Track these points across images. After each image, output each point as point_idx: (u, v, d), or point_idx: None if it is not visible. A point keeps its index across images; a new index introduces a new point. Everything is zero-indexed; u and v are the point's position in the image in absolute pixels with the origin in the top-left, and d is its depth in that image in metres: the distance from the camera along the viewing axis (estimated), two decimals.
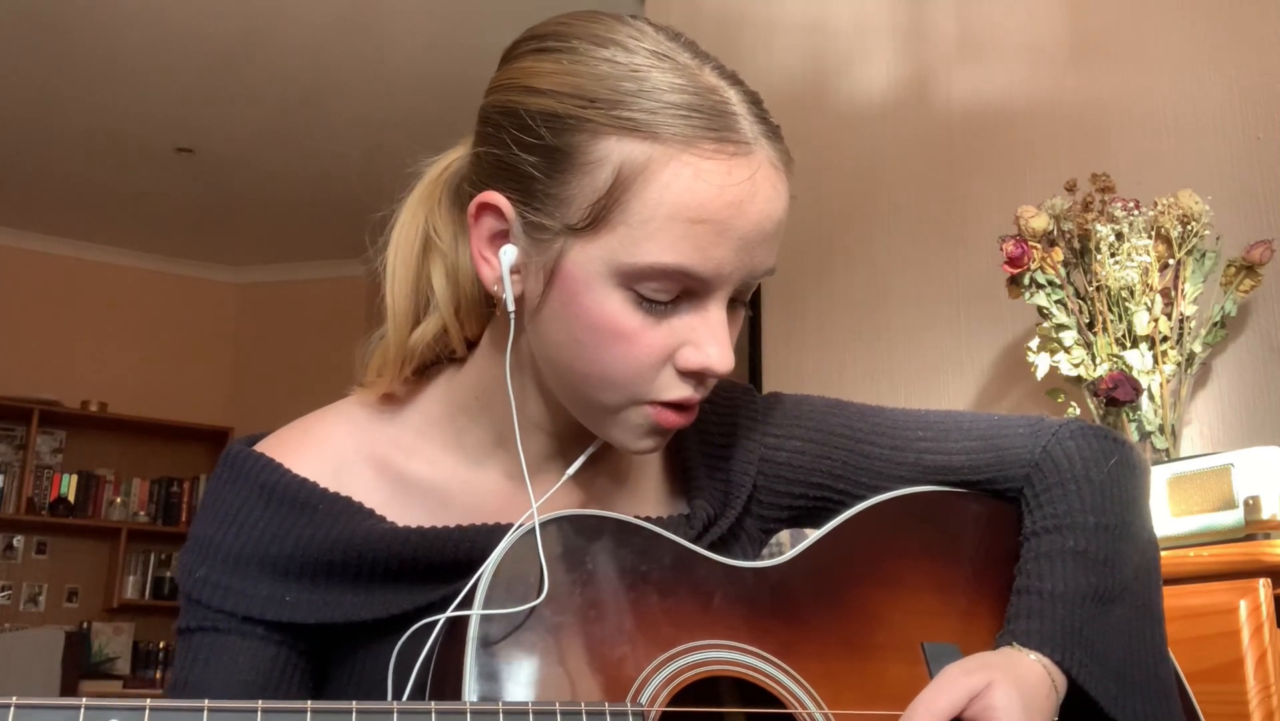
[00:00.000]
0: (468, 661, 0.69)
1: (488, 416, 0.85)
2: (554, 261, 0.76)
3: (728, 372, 0.78)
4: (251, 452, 0.84)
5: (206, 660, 0.80)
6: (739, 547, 0.91)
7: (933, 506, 0.94)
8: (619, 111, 0.73)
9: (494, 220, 0.78)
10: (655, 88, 0.74)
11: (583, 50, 0.76)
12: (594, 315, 0.75)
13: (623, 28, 0.78)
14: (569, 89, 0.75)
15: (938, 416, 0.97)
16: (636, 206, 0.73)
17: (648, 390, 0.78)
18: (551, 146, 0.75)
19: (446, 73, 4.23)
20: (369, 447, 0.86)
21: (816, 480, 0.94)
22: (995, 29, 2.31)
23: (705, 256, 0.74)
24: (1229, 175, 1.83)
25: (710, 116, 0.74)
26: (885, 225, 2.48)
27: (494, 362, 0.84)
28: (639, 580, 0.77)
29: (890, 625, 0.86)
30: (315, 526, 0.80)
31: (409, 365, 0.86)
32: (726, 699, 0.82)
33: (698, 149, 0.73)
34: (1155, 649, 0.88)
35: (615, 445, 0.83)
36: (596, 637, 0.73)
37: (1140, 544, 0.91)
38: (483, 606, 0.71)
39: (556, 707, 0.68)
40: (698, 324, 0.77)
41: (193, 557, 0.82)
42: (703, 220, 0.73)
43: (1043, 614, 0.84)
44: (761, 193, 0.75)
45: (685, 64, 0.76)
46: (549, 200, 0.75)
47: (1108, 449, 0.93)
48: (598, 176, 0.73)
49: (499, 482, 0.86)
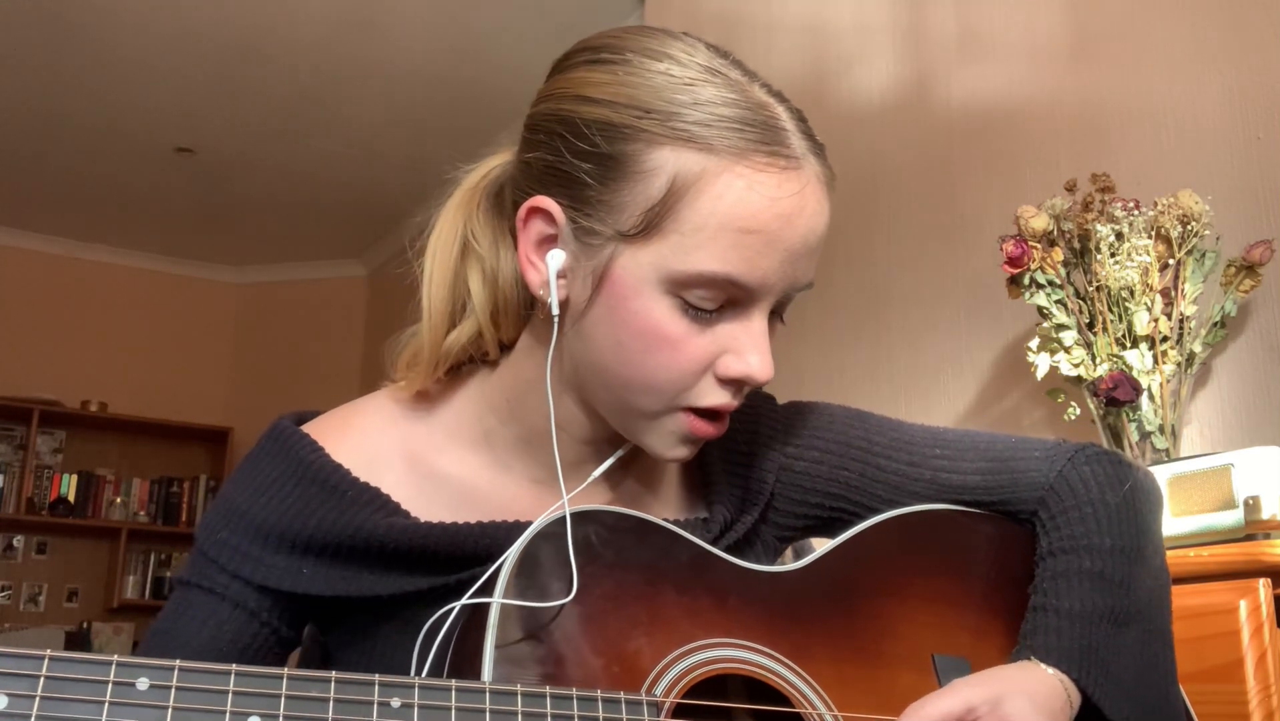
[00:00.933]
0: (487, 647, 0.70)
1: (518, 419, 0.87)
2: (603, 266, 0.78)
3: (767, 381, 0.80)
4: (297, 430, 0.87)
5: (192, 616, 0.82)
6: (754, 554, 0.92)
7: (946, 525, 0.95)
8: (674, 122, 0.75)
9: (543, 225, 0.80)
10: (709, 101, 0.76)
11: (637, 63, 0.78)
12: (641, 320, 0.77)
13: (675, 43, 0.80)
14: (624, 99, 0.77)
15: (955, 435, 0.98)
16: (689, 215, 0.75)
17: (687, 396, 0.80)
18: (606, 154, 0.77)
19: (447, 73, 4.23)
20: (402, 443, 0.88)
21: (834, 491, 0.95)
22: (995, 29, 2.32)
23: (753, 266, 0.76)
24: (1229, 175, 1.83)
25: (762, 130, 0.76)
26: (885, 225, 2.48)
27: (530, 366, 0.85)
28: (658, 576, 0.79)
29: (902, 635, 0.87)
30: (340, 511, 0.82)
31: (443, 366, 0.88)
32: (739, 697, 0.83)
33: (750, 161, 0.75)
34: (1167, 673, 0.89)
35: (648, 451, 0.84)
36: (615, 629, 0.75)
37: (1154, 569, 0.91)
38: (504, 594, 0.72)
39: (574, 693, 0.69)
40: (740, 333, 0.79)
41: (219, 518, 0.84)
42: (753, 231, 0.75)
43: (1060, 631, 0.85)
44: (809, 207, 0.78)
45: (736, 80, 0.79)
46: (601, 206, 0.77)
47: (1123, 474, 0.94)
48: (652, 185, 0.75)
49: (524, 486, 0.88)
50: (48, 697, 0.58)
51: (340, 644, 0.86)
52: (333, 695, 0.64)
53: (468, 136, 4.32)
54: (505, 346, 0.88)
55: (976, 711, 0.77)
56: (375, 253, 5.93)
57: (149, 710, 0.60)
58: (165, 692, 0.61)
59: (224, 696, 0.62)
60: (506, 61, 4.05)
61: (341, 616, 0.85)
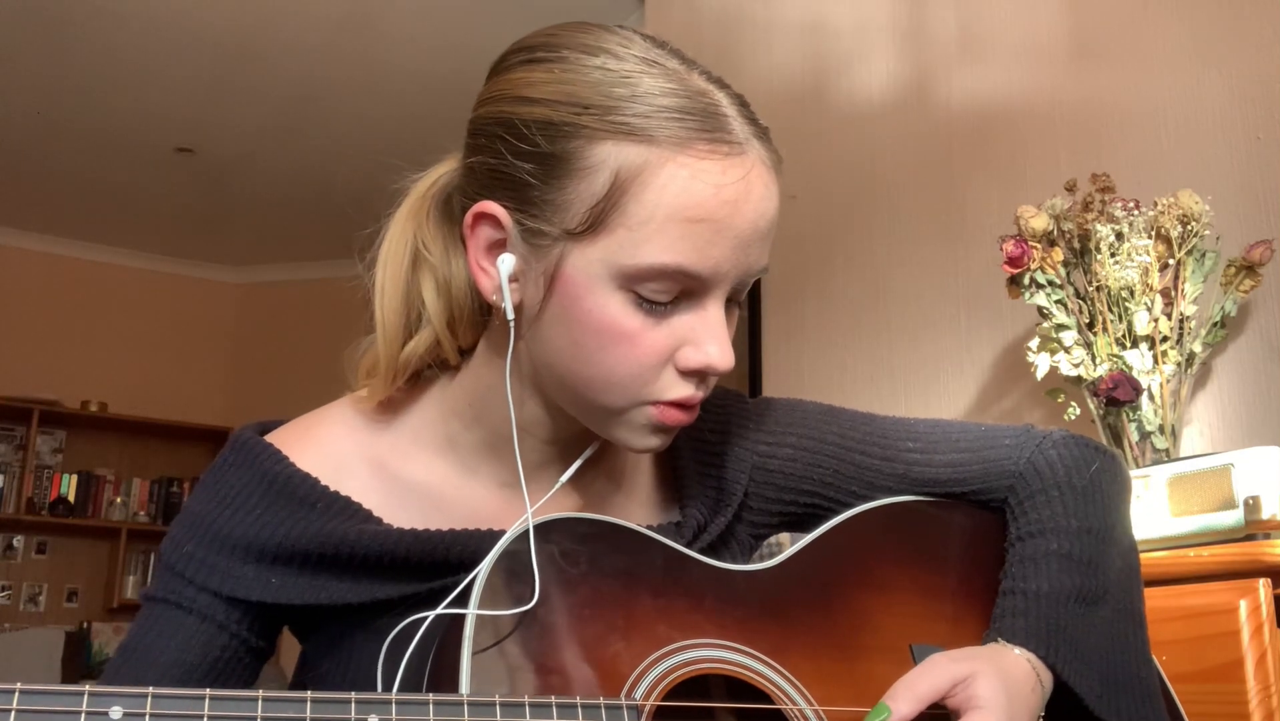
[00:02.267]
0: (464, 659, 0.69)
1: (481, 423, 0.86)
2: (553, 267, 0.77)
3: (728, 370, 0.79)
4: (260, 440, 0.86)
5: (160, 632, 0.81)
6: (729, 553, 0.92)
7: (919, 516, 0.95)
8: (613, 116, 0.75)
9: (491, 230, 0.79)
10: (648, 92, 0.75)
11: (573, 59, 0.77)
12: (595, 317, 0.76)
13: (610, 36, 0.79)
14: (563, 96, 0.76)
15: (927, 427, 0.98)
16: (634, 209, 0.74)
17: (650, 390, 0.79)
18: (547, 153, 0.76)
19: (446, 73, 4.23)
20: (367, 450, 0.87)
21: (807, 487, 0.95)
22: (995, 29, 2.31)
23: (703, 255, 0.75)
24: (1229, 175, 1.83)
25: (703, 118, 0.75)
26: (885, 225, 2.48)
27: (490, 370, 0.85)
28: (632, 581, 0.78)
29: (879, 628, 0.87)
30: (310, 521, 0.82)
31: (401, 376, 0.87)
32: (719, 697, 0.83)
33: (692, 150, 0.74)
34: (1138, 650, 0.89)
35: (620, 445, 0.83)
36: (591, 635, 0.74)
37: (1122, 548, 0.92)
38: (479, 605, 0.71)
39: (553, 701, 0.68)
40: (697, 323, 0.78)
41: (184, 531, 0.83)
42: (700, 220, 0.74)
43: (1027, 612, 0.85)
44: (755, 191, 0.77)
45: (674, 69, 0.78)
46: (546, 206, 0.76)
47: (1089, 456, 0.95)
48: (595, 181, 0.74)
49: (492, 490, 0.87)
50: None
51: (317, 653, 0.85)
52: (309, 715, 0.63)
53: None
54: (465, 351, 0.88)
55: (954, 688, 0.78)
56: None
57: None
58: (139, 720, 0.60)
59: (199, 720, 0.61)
60: None
61: (316, 625, 0.84)
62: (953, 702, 0.78)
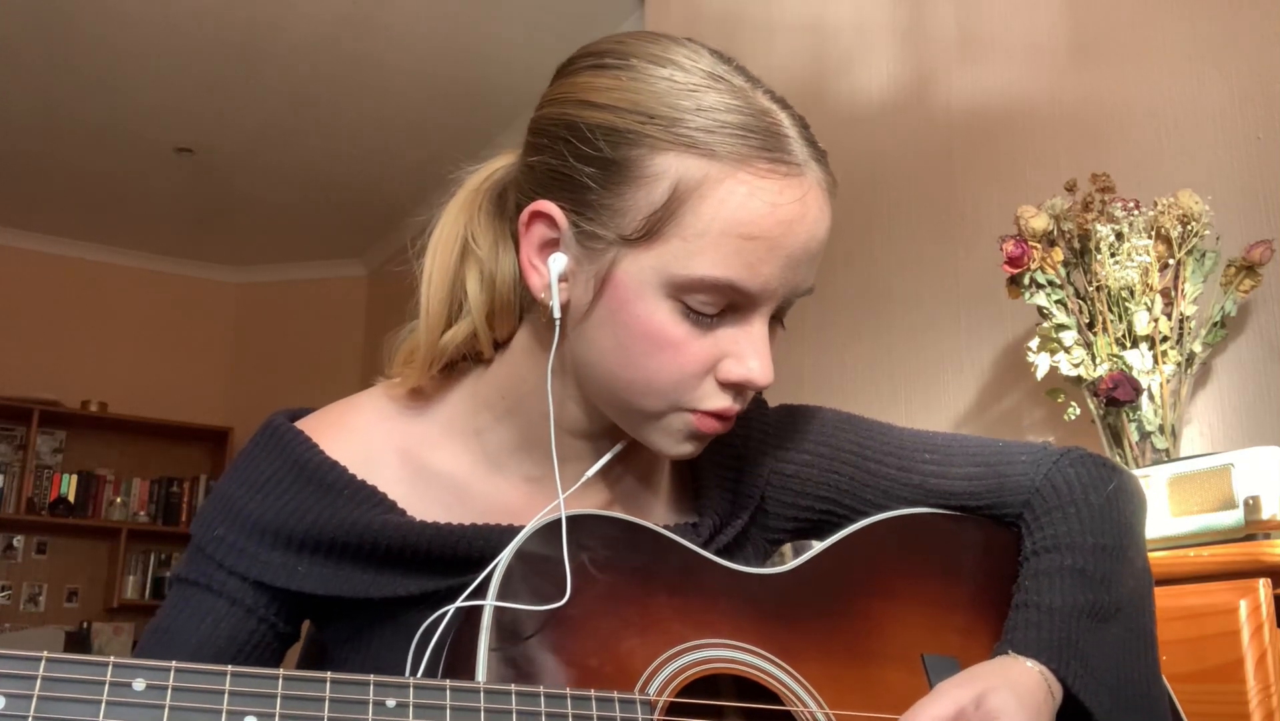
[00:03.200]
0: (481, 648, 0.70)
1: (513, 418, 0.87)
2: (605, 270, 0.78)
3: (767, 385, 0.81)
4: (292, 427, 0.87)
5: (190, 614, 0.82)
6: (744, 557, 0.93)
7: (934, 528, 0.96)
8: (677, 128, 0.76)
9: (545, 228, 0.80)
10: (712, 107, 0.77)
11: (641, 68, 0.79)
12: (642, 323, 0.78)
13: (679, 49, 0.80)
14: (628, 105, 0.77)
15: (944, 440, 0.99)
16: (691, 220, 0.75)
17: (689, 398, 0.80)
18: (609, 159, 0.77)
19: (447, 73, 4.23)
20: (397, 440, 0.88)
21: (824, 494, 0.96)
22: (995, 29, 2.31)
23: (754, 272, 0.76)
24: (1229, 175, 1.83)
25: (765, 137, 0.77)
26: (885, 225, 2.48)
27: (527, 366, 0.86)
28: (648, 579, 0.79)
29: (892, 635, 0.87)
30: (336, 509, 0.83)
31: (437, 364, 0.88)
32: (730, 696, 0.83)
33: (752, 168, 0.76)
34: (1148, 670, 0.89)
35: (653, 448, 0.85)
36: (607, 631, 0.75)
37: (1136, 569, 0.92)
38: (498, 596, 0.72)
39: (568, 692, 0.69)
40: (741, 337, 0.79)
41: (215, 513, 0.84)
42: (754, 237, 0.76)
43: (1040, 625, 0.86)
44: (810, 213, 0.78)
45: (739, 86, 0.79)
46: (604, 211, 0.77)
47: (1106, 475, 0.95)
48: (655, 190, 0.76)
49: (517, 484, 0.88)
50: (45, 698, 0.58)
51: (336, 642, 0.86)
52: (328, 695, 0.64)
53: (468, 136, 4.32)
54: (499, 345, 0.88)
55: (965, 712, 0.78)
56: (375, 253, 5.93)
57: (145, 710, 0.60)
58: (162, 693, 0.61)
59: (220, 696, 0.62)
60: (507, 61, 4.05)
61: (337, 615, 0.85)
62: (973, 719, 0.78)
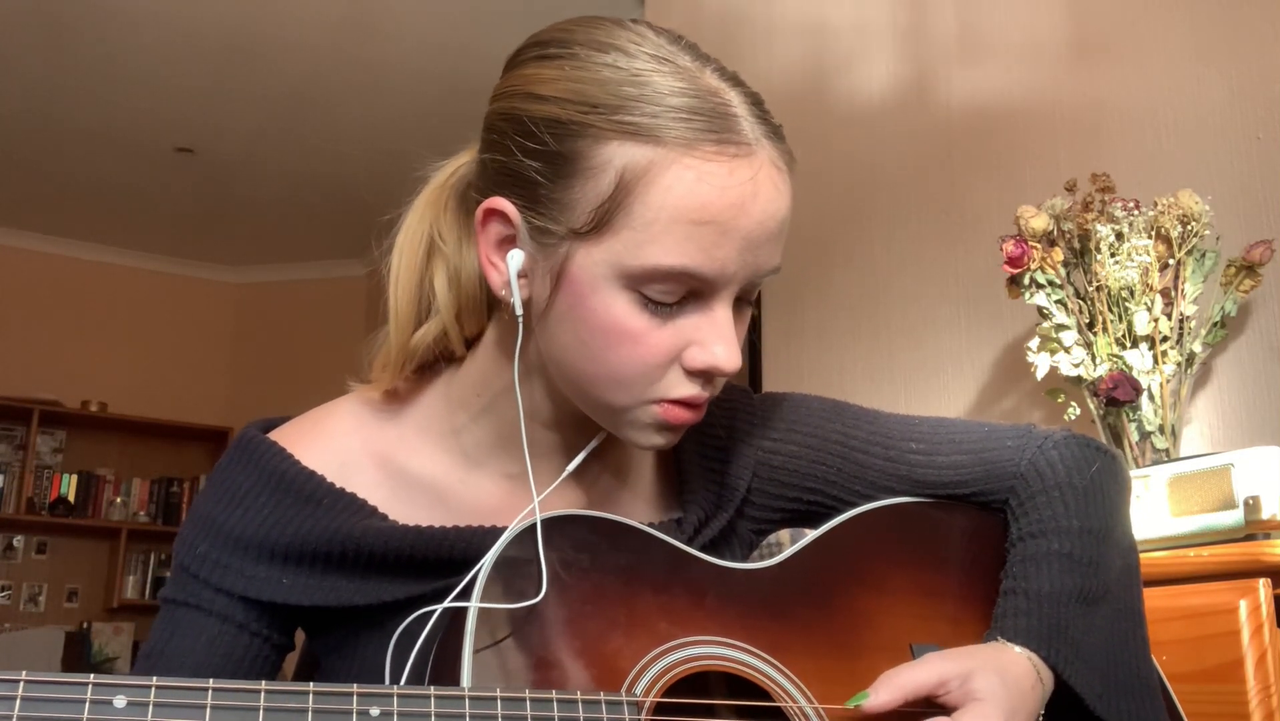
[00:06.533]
0: (465, 652, 0.70)
1: (489, 416, 0.86)
2: (560, 265, 0.77)
3: (735, 371, 0.79)
4: (265, 439, 0.86)
5: (183, 636, 0.82)
6: (730, 550, 0.92)
7: (920, 517, 0.96)
8: (621, 116, 0.74)
9: (501, 225, 0.79)
10: (656, 92, 0.75)
11: (584, 56, 0.77)
12: (600, 317, 0.76)
13: (623, 32, 0.78)
14: (571, 95, 0.76)
15: (930, 427, 0.98)
16: (639, 210, 0.74)
17: (656, 390, 0.79)
18: (555, 152, 0.76)
19: (446, 73, 4.23)
20: (373, 445, 0.87)
21: (810, 485, 0.95)
22: (995, 29, 2.31)
23: (709, 257, 0.75)
24: (1229, 175, 1.83)
25: (711, 119, 0.75)
26: (885, 225, 2.48)
27: (497, 363, 0.85)
28: (633, 578, 0.79)
29: (879, 627, 0.87)
30: (317, 519, 0.82)
31: (409, 365, 0.87)
32: (719, 694, 0.83)
33: (699, 151, 0.74)
34: (1138, 650, 0.90)
35: (627, 441, 0.84)
36: (592, 631, 0.75)
37: (1122, 548, 0.92)
38: (481, 600, 0.72)
39: (553, 696, 0.69)
40: (703, 324, 0.78)
41: (195, 532, 0.84)
42: (705, 221, 0.74)
43: (1029, 612, 0.86)
44: (764, 193, 0.76)
45: (686, 67, 0.77)
46: (553, 205, 0.76)
47: (1090, 456, 0.95)
48: (601, 181, 0.74)
49: (497, 481, 0.87)
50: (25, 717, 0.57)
51: (326, 651, 0.86)
52: (311, 706, 0.64)
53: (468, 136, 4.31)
54: (470, 342, 0.88)
55: (948, 685, 0.78)
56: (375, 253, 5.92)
57: None
58: (143, 709, 0.60)
59: (202, 711, 0.61)
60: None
61: (326, 624, 0.85)
62: (950, 699, 0.78)
